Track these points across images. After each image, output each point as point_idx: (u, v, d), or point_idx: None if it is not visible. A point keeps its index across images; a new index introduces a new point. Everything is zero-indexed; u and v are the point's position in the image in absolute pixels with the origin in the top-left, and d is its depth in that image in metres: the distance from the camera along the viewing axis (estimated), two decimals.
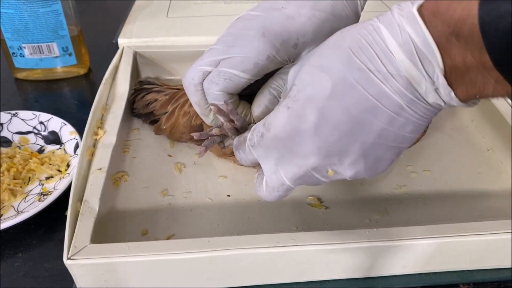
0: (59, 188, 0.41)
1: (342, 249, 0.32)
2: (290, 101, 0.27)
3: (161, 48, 0.56)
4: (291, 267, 0.34)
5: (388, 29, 0.24)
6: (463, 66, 0.22)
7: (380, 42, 0.24)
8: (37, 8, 0.52)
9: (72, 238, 0.32)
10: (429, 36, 0.22)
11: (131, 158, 0.45)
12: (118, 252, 0.32)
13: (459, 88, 0.23)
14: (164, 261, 0.32)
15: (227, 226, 0.39)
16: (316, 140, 0.26)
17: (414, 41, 0.23)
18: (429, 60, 0.23)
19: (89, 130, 0.42)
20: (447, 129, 0.50)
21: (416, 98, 0.24)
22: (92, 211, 0.35)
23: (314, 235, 0.33)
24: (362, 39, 0.24)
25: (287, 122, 0.27)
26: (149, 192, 0.42)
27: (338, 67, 0.25)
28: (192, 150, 0.47)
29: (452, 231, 0.33)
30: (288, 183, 0.29)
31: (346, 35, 0.26)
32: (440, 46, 0.22)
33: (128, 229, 0.38)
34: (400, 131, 0.25)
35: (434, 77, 0.23)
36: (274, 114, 0.28)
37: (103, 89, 0.48)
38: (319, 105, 0.25)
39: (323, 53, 0.26)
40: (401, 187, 0.43)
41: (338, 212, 0.40)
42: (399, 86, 0.24)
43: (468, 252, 0.34)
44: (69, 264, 0.31)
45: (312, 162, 0.27)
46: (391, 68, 0.23)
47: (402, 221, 0.39)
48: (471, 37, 0.21)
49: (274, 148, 0.28)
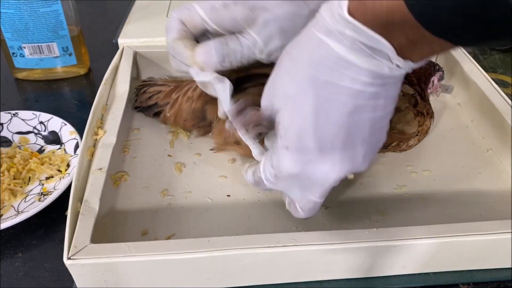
0: (59, 188, 0.41)
1: (342, 249, 0.32)
2: (285, 141, 0.28)
3: (161, 48, 0.56)
4: (291, 267, 0.34)
5: (331, 38, 0.25)
6: (409, 42, 0.24)
7: (331, 53, 0.25)
8: (37, 8, 0.52)
9: (72, 238, 0.32)
10: (370, 31, 0.23)
11: (131, 158, 0.45)
12: (118, 252, 0.32)
13: (414, 56, 0.25)
14: (163, 261, 0.32)
15: (227, 226, 0.39)
16: (327, 160, 0.28)
17: (359, 41, 0.24)
18: (379, 49, 0.24)
19: (89, 130, 0.42)
20: (447, 129, 0.50)
21: (384, 80, 0.26)
22: (92, 211, 0.35)
23: (314, 235, 0.33)
24: (314, 58, 0.26)
25: (294, 162, 0.28)
26: (149, 192, 0.42)
27: (307, 92, 0.26)
28: (193, 150, 0.47)
29: (452, 231, 0.33)
30: (319, 200, 0.30)
31: (297, 59, 0.27)
32: (383, 35, 0.24)
33: (128, 229, 0.38)
34: (385, 110, 0.27)
35: (391, 59, 0.25)
36: (278, 158, 0.29)
37: (103, 89, 0.48)
38: (312, 132, 0.27)
39: (285, 83, 0.28)
40: (401, 187, 0.42)
41: (338, 212, 0.40)
42: (366, 80, 0.25)
43: (467, 252, 0.34)
44: (69, 264, 0.31)
45: (333, 178, 0.28)
46: (352, 71, 0.25)
47: (402, 221, 0.39)
48: (405, 20, 0.22)
49: (292, 182, 0.30)
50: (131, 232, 0.38)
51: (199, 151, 0.47)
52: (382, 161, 0.45)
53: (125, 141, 0.47)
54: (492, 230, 0.34)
